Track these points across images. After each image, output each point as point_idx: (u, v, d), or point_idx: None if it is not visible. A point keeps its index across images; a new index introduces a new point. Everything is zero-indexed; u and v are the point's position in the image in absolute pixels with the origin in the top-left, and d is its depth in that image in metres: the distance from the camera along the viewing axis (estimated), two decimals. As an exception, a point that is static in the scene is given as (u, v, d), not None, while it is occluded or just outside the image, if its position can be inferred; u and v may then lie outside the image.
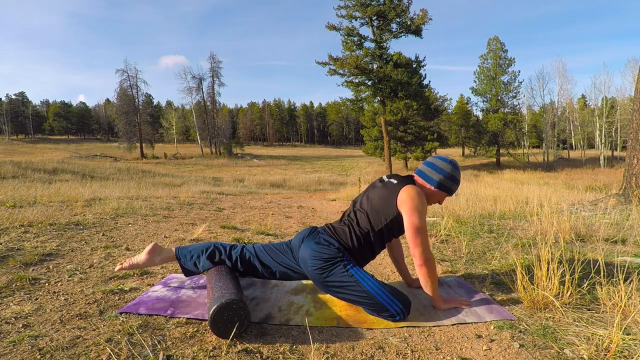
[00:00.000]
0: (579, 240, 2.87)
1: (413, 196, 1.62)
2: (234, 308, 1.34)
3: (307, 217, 4.81)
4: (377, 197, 1.71)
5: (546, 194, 6.75)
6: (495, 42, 35.05)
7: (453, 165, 1.75)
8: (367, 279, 1.58)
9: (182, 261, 1.83)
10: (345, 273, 1.58)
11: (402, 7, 24.53)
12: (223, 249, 1.84)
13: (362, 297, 1.56)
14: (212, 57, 44.57)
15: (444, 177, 1.72)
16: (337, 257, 1.62)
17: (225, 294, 1.40)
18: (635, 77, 27.33)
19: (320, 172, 31.37)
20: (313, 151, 64.98)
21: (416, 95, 26.60)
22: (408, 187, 1.65)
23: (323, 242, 1.67)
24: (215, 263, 1.80)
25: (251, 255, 1.81)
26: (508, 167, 30.99)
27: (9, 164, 13.23)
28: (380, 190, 1.73)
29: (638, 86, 4.67)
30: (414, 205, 1.60)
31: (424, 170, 1.77)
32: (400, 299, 1.55)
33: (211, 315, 1.33)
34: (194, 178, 18.57)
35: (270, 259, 1.80)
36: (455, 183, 1.76)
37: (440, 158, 1.78)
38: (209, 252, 1.81)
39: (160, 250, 1.87)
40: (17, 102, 74.22)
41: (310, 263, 1.64)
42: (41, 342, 1.27)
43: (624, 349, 1.27)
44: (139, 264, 1.83)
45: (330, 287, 1.62)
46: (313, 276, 1.65)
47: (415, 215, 1.59)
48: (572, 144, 46.80)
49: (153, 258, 1.84)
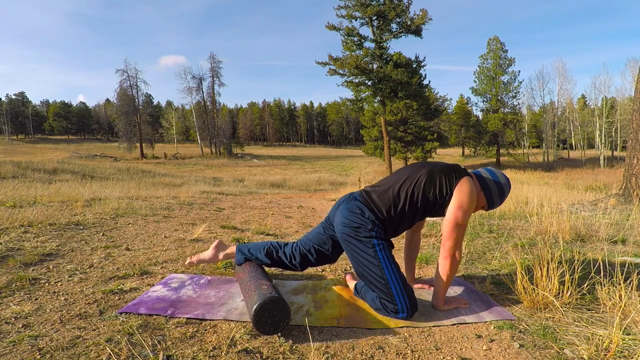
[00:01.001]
0: (579, 240, 2.87)
1: (472, 192, 1.60)
2: (280, 308, 1.39)
3: (307, 217, 4.81)
4: (439, 169, 1.66)
5: (546, 194, 6.75)
6: (495, 42, 35.06)
7: (508, 182, 1.72)
8: (391, 267, 1.57)
9: (239, 256, 1.93)
10: (371, 250, 1.59)
11: (402, 7, 24.53)
12: (279, 246, 1.92)
13: (378, 281, 1.57)
14: (212, 57, 44.64)
15: (499, 198, 1.70)
16: (367, 227, 1.62)
17: (273, 291, 1.46)
18: (635, 77, 27.30)
19: (320, 172, 31.37)
20: (313, 151, 64.98)
21: (416, 95, 26.60)
22: (471, 181, 1.63)
23: (355, 210, 1.67)
24: (273, 259, 1.89)
25: (306, 247, 1.86)
26: (508, 167, 30.98)
27: (9, 164, 13.23)
28: (444, 166, 1.69)
29: (638, 86, 4.67)
30: (466, 201, 1.58)
31: (481, 172, 1.74)
32: (410, 298, 1.55)
33: (259, 308, 1.36)
34: (194, 178, 18.57)
35: (319, 246, 1.84)
36: (501, 197, 1.72)
37: (507, 181, 1.73)
38: (266, 249, 1.89)
39: (224, 246, 2.04)
40: (17, 102, 74.21)
41: (341, 229, 1.67)
42: (41, 342, 1.27)
43: (624, 349, 1.27)
44: (206, 259, 1.99)
45: (354, 254, 1.63)
46: (341, 238, 1.68)
47: (462, 212, 1.57)
48: (572, 144, 46.82)
49: (217, 253, 2.00)
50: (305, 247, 1.86)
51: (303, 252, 1.85)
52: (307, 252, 1.85)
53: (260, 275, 1.69)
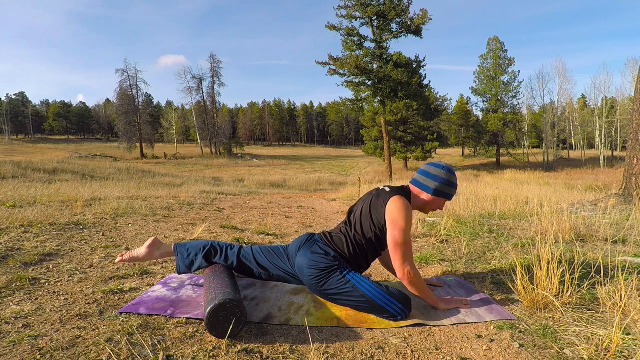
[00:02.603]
0: (579, 240, 2.87)
1: (399, 209, 1.62)
2: (227, 307, 1.34)
3: (307, 217, 4.81)
4: (368, 206, 1.73)
5: (546, 194, 6.75)
6: (495, 42, 35.06)
7: (447, 171, 1.75)
8: (364, 282, 1.59)
9: (179, 258, 1.84)
10: (342, 279, 1.60)
11: (402, 7, 24.52)
12: (220, 248, 1.85)
13: (361, 302, 1.57)
14: (212, 57, 44.65)
15: (439, 184, 1.72)
16: (334, 265, 1.64)
17: (219, 295, 1.40)
18: (635, 77, 27.29)
19: (320, 172, 31.37)
20: (313, 151, 64.98)
21: (416, 95, 26.60)
22: (396, 199, 1.65)
23: (319, 252, 1.68)
24: (212, 262, 1.82)
25: (248, 257, 1.82)
26: (508, 167, 30.96)
27: (9, 164, 13.24)
28: (373, 198, 1.74)
29: (638, 86, 4.67)
30: (398, 218, 1.61)
31: (418, 179, 1.77)
32: (398, 299, 1.55)
33: (207, 317, 1.33)
34: (194, 178, 18.57)
35: (267, 261, 1.80)
36: (453, 187, 1.76)
37: (434, 165, 1.77)
38: (205, 251, 1.82)
39: (160, 245, 1.91)
40: (17, 102, 74.23)
41: (307, 272, 1.65)
42: (41, 342, 1.27)
43: (624, 349, 1.27)
44: (139, 257, 1.86)
45: (329, 295, 1.63)
46: (310, 285, 1.67)
47: (397, 229, 1.59)
48: (572, 144, 46.80)
49: (152, 252, 1.87)
50: (255, 260, 1.80)
51: (249, 263, 1.79)
52: (253, 266, 1.79)
53: (219, 278, 1.61)
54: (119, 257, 1.87)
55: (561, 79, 34.63)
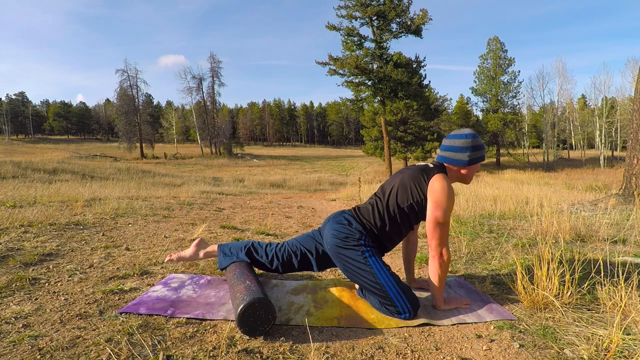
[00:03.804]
0: (579, 240, 2.87)
1: (443, 189, 1.59)
2: (264, 307, 1.38)
3: (307, 217, 4.81)
4: (408, 176, 1.69)
5: (546, 194, 6.75)
6: (495, 42, 35.05)
7: (472, 137, 1.68)
8: (383, 271, 1.59)
9: (221, 256, 1.93)
10: (361, 257, 1.61)
11: (402, 7, 24.52)
12: (260, 247, 1.92)
13: (373, 286, 1.58)
14: (212, 57, 44.69)
15: (470, 152, 1.67)
16: (355, 237, 1.64)
17: (258, 291, 1.45)
18: (635, 77, 27.28)
19: (320, 172, 31.37)
20: (313, 151, 64.98)
21: (416, 95, 26.59)
22: (440, 177, 1.62)
23: (343, 222, 1.71)
24: (253, 259, 1.89)
25: (287, 251, 1.86)
26: (508, 167, 30.96)
27: (9, 164, 13.23)
28: (413, 170, 1.71)
29: (638, 86, 4.67)
30: (442, 199, 1.58)
31: (449, 156, 1.70)
32: (409, 298, 1.55)
33: (244, 309, 1.35)
34: (194, 178, 18.57)
35: (304, 249, 1.84)
36: (482, 149, 1.71)
37: (457, 136, 1.69)
38: (247, 249, 1.90)
39: (205, 245, 2.04)
40: (17, 102, 74.24)
41: (330, 241, 1.69)
42: (41, 342, 1.27)
43: (624, 349, 1.27)
44: (186, 257, 2.00)
45: (346, 265, 1.64)
46: (332, 251, 1.69)
47: (440, 210, 1.58)
48: (572, 144, 46.81)
49: (198, 252, 2.00)
50: (292, 249, 1.85)
51: (288, 253, 1.84)
52: (292, 254, 1.84)
53: (243, 276, 1.65)
54: (167, 257, 2.00)
55: (561, 79, 34.65)
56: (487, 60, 35.45)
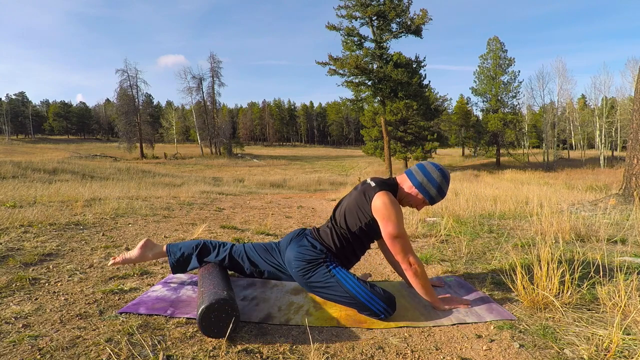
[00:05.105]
0: (579, 240, 2.87)
1: (386, 204, 1.61)
2: (216, 308, 1.34)
3: (307, 217, 4.81)
4: (354, 200, 1.73)
5: (546, 194, 6.75)
6: (495, 42, 35.05)
7: (443, 174, 1.70)
8: (349, 279, 1.60)
9: (171, 258, 1.86)
10: (327, 274, 1.62)
11: (402, 7, 24.54)
12: (212, 246, 1.88)
13: (344, 297, 1.59)
14: (212, 57, 44.72)
15: (427, 179, 1.69)
16: (319, 258, 1.66)
17: (205, 298, 1.40)
18: (635, 77, 27.29)
19: (320, 172, 31.37)
20: (313, 151, 64.97)
21: (416, 95, 26.60)
22: (381, 194, 1.63)
23: (306, 244, 1.72)
24: (204, 261, 1.85)
25: (240, 254, 1.85)
26: (508, 167, 30.95)
27: (9, 164, 13.24)
28: (358, 193, 1.74)
29: (638, 86, 4.67)
30: (387, 213, 1.60)
31: (412, 169, 1.75)
32: (382, 298, 1.54)
33: (199, 322, 1.33)
34: (194, 178, 18.57)
35: (258, 257, 1.84)
36: (440, 193, 1.71)
37: (433, 164, 1.74)
38: (198, 250, 1.85)
39: (152, 245, 1.92)
40: (17, 102, 74.24)
41: (294, 264, 1.69)
42: (41, 342, 1.27)
43: (624, 349, 1.27)
44: (132, 258, 1.88)
45: (314, 288, 1.66)
46: (297, 277, 1.70)
47: (389, 224, 1.60)
48: (572, 144, 46.80)
49: (145, 253, 1.89)
50: (248, 254, 1.84)
51: (242, 259, 1.84)
52: (246, 259, 1.84)
53: (208, 279, 1.62)
54: (111, 260, 1.88)
55: (561, 79, 34.64)
56: (487, 60, 35.47)
